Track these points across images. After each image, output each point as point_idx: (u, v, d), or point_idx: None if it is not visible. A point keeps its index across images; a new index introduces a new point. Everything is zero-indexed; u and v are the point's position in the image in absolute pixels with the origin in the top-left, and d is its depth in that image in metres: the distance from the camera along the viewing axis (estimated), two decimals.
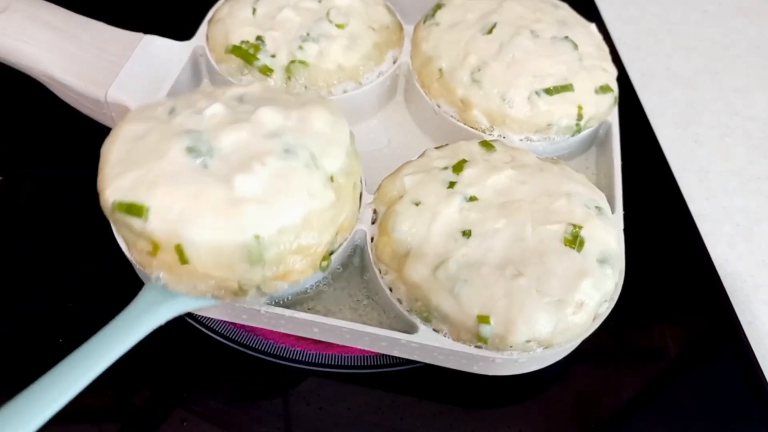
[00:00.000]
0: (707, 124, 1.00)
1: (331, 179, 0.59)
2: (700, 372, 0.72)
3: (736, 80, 1.07)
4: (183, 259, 0.53)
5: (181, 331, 0.70)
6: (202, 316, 0.70)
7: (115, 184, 0.56)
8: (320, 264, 0.59)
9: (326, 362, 0.68)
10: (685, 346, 0.73)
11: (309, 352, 0.69)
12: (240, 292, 0.56)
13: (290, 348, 0.69)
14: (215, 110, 0.59)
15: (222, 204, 0.53)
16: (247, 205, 0.53)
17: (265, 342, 0.69)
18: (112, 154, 0.58)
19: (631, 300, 0.69)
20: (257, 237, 0.53)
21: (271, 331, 0.68)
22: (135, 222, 0.54)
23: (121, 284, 0.69)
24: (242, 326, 0.70)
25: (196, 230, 0.53)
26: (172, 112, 0.61)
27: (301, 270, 0.57)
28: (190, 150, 0.56)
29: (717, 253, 0.83)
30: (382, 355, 0.68)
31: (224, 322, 0.70)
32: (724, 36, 1.14)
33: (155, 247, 0.54)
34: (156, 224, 0.53)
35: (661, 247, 0.81)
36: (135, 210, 0.54)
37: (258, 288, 0.56)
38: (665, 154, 0.91)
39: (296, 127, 0.59)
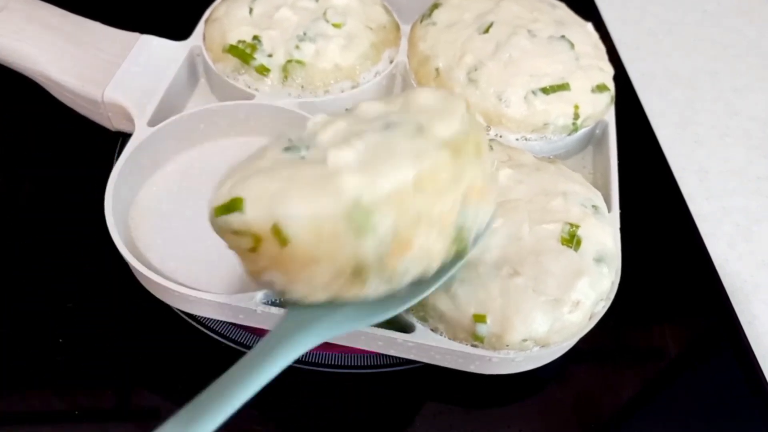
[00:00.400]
0: (707, 124, 1.00)
1: (445, 143, 0.51)
2: (700, 372, 0.72)
3: (736, 80, 1.07)
4: (282, 240, 0.48)
5: (181, 331, 0.70)
6: (202, 316, 0.70)
7: (215, 194, 0.52)
8: (456, 243, 0.52)
9: (326, 362, 0.69)
10: (685, 346, 0.73)
11: (309, 351, 0.69)
12: (357, 277, 0.49)
13: None
14: (318, 118, 0.56)
15: (317, 177, 0.49)
16: (343, 172, 0.48)
17: None
18: (223, 176, 0.55)
19: (631, 300, 0.69)
20: (357, 201, 0.47)
21: None
22: (234, 219, 0.50)
23: (121, 284, 0.70)
24: (245, 327, 0.70)
25: (290, 204, 0.47)
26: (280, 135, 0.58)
27: (424, 245, 0.50)
28: (288, 149, 0.53)
29: (717, 253, 0.83)
30: (382, 355, 0.69)
31: (224, 321, 0.70)
32: (724, 36, 1.14)
33: (256, 240, 0.50)
34: (252, 212, 0.49)
35: (660, 247, 0.81)
36: (232, 206, 0.50)
37: (379, 271, 0.49)
38: (665, 154, 0.91)
39: (400, 109, 0.54)
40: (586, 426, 0.67)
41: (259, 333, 0.70)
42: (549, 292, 0.61)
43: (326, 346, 0.68)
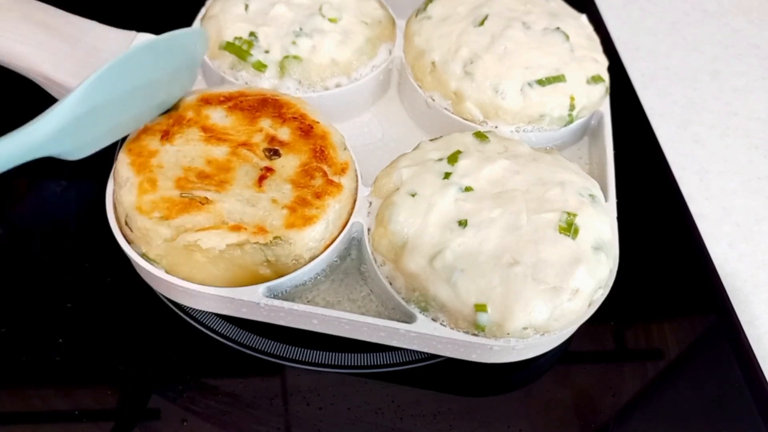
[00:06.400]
0: (707, 124, 1.04)
1: None
2: (700, 372, 0.75)
3: (736, 80, 1.11)
4: None
5: (181, 330, 0.73)
6: (202, 316, 0.73)
7: None
8: None
9: (326, 362, 0.72)
10: (685, 346, 0.76)
11: (309, 351, 0.72)
12: None
13: (290, 347, 0.73)
14: None
15: None
16: None
17: (265, 341, 0.73)
18: None
19: (631, 300, 0.75)
20: None
21: None
22: None
23: (121, 284, 0.74)
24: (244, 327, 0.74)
25: None
26: None
27: None
28: None
29: (717, 253, 0.87)
30: (382, 354, 0.72)
31: (224, 321, 0.73)
32: (724, 36, 1.19)
33: None
34: None
35: (661, 247, 0.84)
36: None
37: None
38: (665, 154, 0.95)
39: None
40: (586, 426, 0.70)
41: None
42: (548, 281, 0.65)
43: (327, 345, 0.72)
